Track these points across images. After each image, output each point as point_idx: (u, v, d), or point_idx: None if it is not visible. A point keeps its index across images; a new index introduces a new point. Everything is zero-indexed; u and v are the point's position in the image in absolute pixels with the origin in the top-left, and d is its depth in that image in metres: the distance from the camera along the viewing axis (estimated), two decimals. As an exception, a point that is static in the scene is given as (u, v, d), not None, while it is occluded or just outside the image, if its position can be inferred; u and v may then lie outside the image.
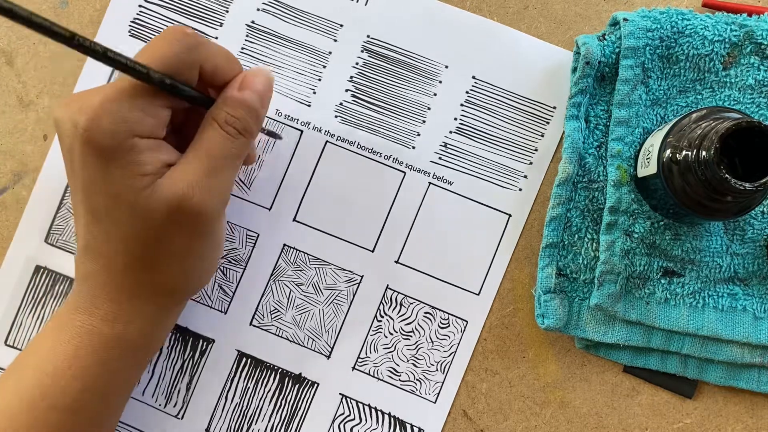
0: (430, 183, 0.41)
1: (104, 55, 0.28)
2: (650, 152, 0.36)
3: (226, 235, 0.41)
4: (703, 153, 0.32)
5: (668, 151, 0.34)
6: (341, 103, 0.41)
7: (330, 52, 0.41)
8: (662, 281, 0.39)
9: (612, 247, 0.38)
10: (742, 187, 0.31)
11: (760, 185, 0.31)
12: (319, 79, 0.41)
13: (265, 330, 0.41)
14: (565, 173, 0.39)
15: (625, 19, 0.38)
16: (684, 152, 0.33)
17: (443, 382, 0.40)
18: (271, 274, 0.41)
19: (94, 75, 0.42)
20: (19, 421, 0.33)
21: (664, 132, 0.35)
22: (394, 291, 0.41)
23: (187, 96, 0.32)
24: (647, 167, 0.36)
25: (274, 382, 0.41)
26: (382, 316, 0.41)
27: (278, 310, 0.41)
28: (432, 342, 0.40)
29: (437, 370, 0.40)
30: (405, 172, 0.41)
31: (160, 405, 0.41)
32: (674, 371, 0.40)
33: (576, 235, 0.40)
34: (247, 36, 0.41)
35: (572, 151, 0.39)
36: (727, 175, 0.31)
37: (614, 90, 0.39)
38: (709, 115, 0.35)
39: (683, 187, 0.34)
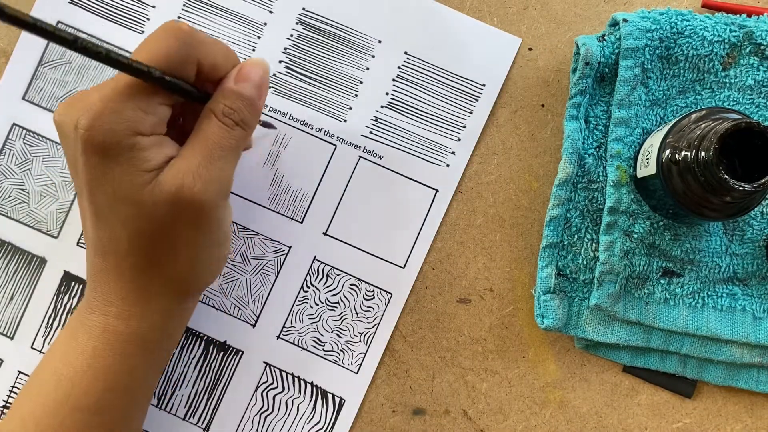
0: (360, 157, 0.41)
1: (107, 57, 0.28)
2: (649, 153, 0.36)
3: None
4: (703, 154, 0.32)
5: (667, 152, 0.34)
6: (275, 75, 0.42)
7: (265, 23, 0.42)
8: (662, 281, 0.39)
9: (611, 247, 0.38)
10: (741, 188, 0.31)
11: (759, 186, 0.31)
12: (253, 50, 0.42)
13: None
14: (564, 173, 0.39)
15: (624, 20, 0.38)
16: (683, 153, 0.33)
17: (366, 353, 0.41)
18: None
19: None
20: (45, 426, 0.33)
21: (663, 132, 0.36)
22: (322, 262, 0.41)
23: (186, 92, 0.32)
24: (646, 168, 0.36)
25: (199, 348, 0.41)
26: (309, 287, 0.41)
27: None
28: (356, 313, 0.41)
29: (360, 341, 0.41)
30: (336, 146, 0.41)
31: None
32: (674, 371, 0.40)
33: (575, 236, 0.40)
34: (184, 6, 0.42)
35: (572, 152, 0.39)
36: (726, 176, 0.31)
37: (614, 90, 0.39)
38: (709, 115, 0.35)
39: (682, 188, 0.34)
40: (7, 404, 0.41)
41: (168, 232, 0.32)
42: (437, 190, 0.41)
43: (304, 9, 0.42)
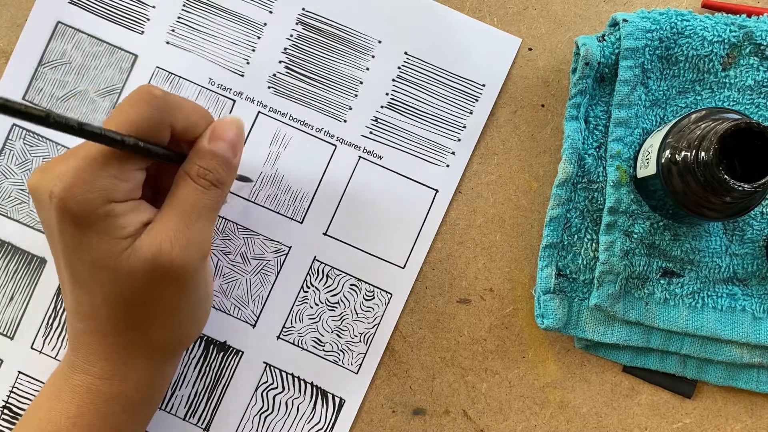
0: (360, 157, 0.41)
1: (79, 129, 0.28)
2: (649, 153, 0.36)
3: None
4: (702, 154, 0.32)
5: (667, 152, 0.34)
6: (275, 75, 0.42)
7: (265, 24, 0.42)
8: (661, 281, 0.39)
9: (611, 247, 0.38)
10: (740, 188, 0.31)
11: (759, 186, 0.31)
12: (253, 50, 0.42)
13: None
14: (564, 174, 0.39)
15: (624, 20, 0.38)
16: (683, 153, 0.33)
17: (366, 353, 0.41)
18: None
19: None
20: None
21: (663, 133, 0.36)
22: (322, 263, 0.41)
23: (161, 156, 0.32)
24: (646, 168, 0.36)
25: (198, 349, 0.41)
26: (309, 287, 0.41)
27: None
28: (356, 314, 0.41)
29: (360, 341, 0.41)
30: (336, 146, 0.41)
31: None
32: (674, 371, 0.40)
33: (575, 236, 0.40)
34: (184, 5, 0.42)
35: (572, 152, 0.39)
36: (726, 176, 0.31)
37: (614, 91, 0.39)
38: (709, 115, 0.35)
39: (682, 188, 0.34)
40: (7, 404, 0.41)
41: (148, 297, 0.32)
42: (437, 190, 0.41)
43: (304, 9, 0.42)
